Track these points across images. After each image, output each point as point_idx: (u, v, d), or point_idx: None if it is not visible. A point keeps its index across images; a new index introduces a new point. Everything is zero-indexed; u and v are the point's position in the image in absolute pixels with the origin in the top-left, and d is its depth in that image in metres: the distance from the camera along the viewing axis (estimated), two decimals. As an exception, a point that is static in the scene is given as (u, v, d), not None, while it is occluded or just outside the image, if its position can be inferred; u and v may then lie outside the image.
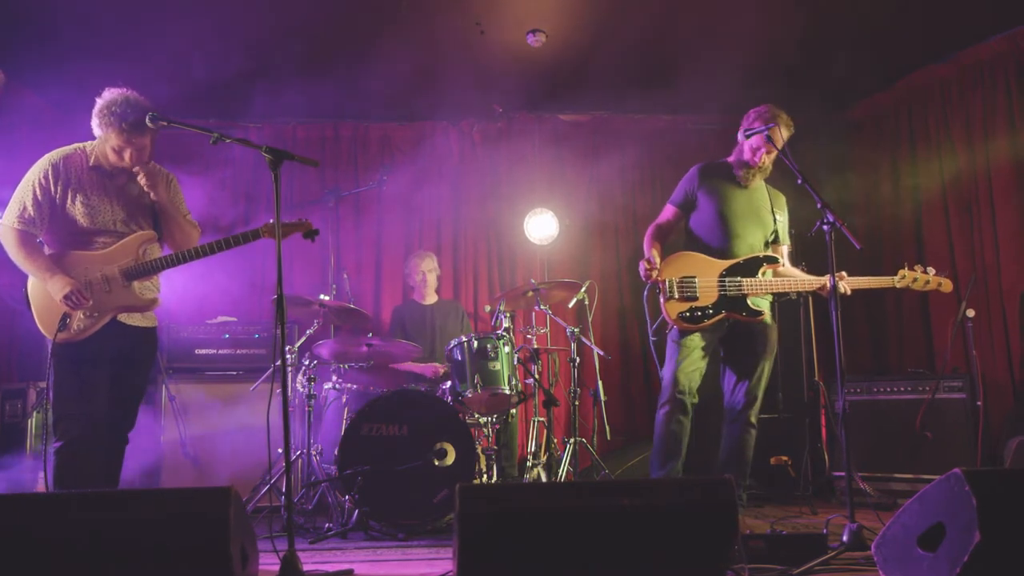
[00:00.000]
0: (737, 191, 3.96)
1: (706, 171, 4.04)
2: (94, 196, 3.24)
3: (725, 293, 3.82)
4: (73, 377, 3.13)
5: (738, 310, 3.83)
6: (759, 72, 5.39)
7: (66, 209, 3.21)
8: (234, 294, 5.58)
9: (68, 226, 3.22)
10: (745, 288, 3.80)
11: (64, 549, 2.08)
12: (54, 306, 3.14)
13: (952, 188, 5.45)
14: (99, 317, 3.21)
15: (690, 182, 4.07)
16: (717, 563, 2.24)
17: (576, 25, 5.06)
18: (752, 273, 3.84)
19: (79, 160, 3.26)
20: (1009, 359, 4.98)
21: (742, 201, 3.95)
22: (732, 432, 3.88)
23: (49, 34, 4.83)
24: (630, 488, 2.23)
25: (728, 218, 3.91)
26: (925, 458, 4.71)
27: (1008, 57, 5.12)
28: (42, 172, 3.21)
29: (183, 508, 2.15)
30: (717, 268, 3.87)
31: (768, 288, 3.83)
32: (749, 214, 3.94)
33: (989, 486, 2.26)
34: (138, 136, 3.14)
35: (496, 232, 6.39)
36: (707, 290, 3.84)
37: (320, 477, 4.43)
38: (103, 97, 3.18)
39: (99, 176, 3.27)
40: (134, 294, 3.29)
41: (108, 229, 3.26)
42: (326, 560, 3.24)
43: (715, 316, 3.82)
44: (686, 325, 3.85)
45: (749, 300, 3.82)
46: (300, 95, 5.88)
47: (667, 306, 3.87)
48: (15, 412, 4.69)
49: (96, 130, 3.21)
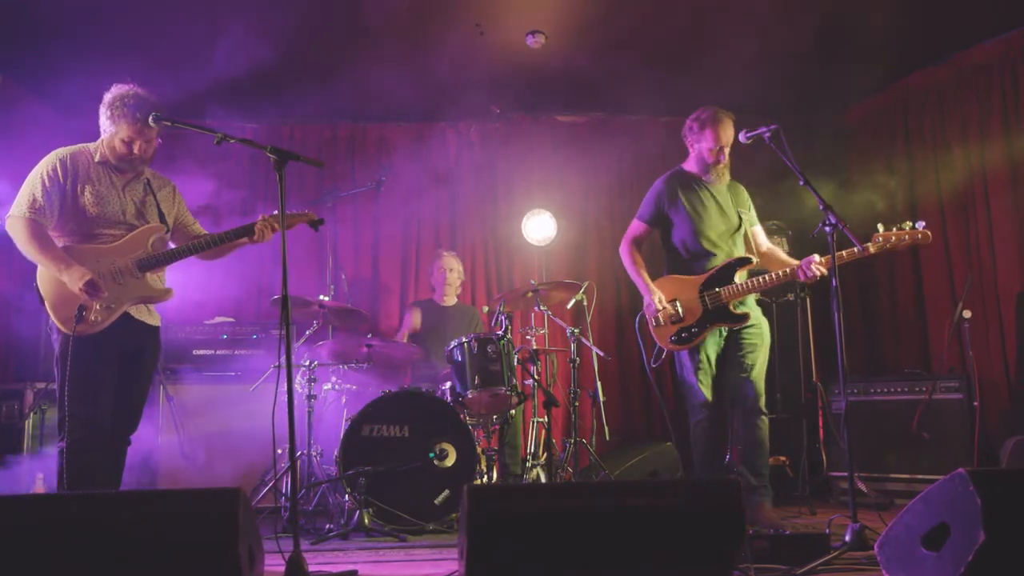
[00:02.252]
0: (707, 200, 4.03)
1: (671, 184, 4.11)
2: (103, 188, 3.25)
3: (707, 307, 3.89)
4: (85, 374, 3.10)
5: (723, 319, 3.91)
6: (755, 74, 5.42)
7: (76, 200, 3.19)
8: (231, 295, 5.56)
9: (78, 217, 3.20)
10: (724, 296, 3.88)
11: (72, 549, 2.07)
12: (70, 298, 3.11)
13: (948, 190, 5.49)
14: (115, 309, 3.20)
15: (659, 198, 4.12)
16: (725, 563, 2.25)
17: (575, 27, 5.07)
18: (729, 280, 3.91)
19: (86, 157, 3.27)
20: (1005, 360, 5.02)
21: (713, 211, 4.02)
22: (746, 424, 3.93)
23: (46, 34, 4.82)
24: (639, 489, 2.24)
25: (705, 233, 4.00)
26: (922, 458, 4.74)
27: (1004, 60, 5.16)
28: (50, 165, 3.20)
29: (192, 508, 2.14)
30: (695, 284, 3.96)
31: (744, 291, 3.89)
32: (722, 223, 4.02)
33: (994, 486, 2.28)
34: (148, 128, 3.20)
35: (494, 233, 6.40)
36: (690, 309, 3.93)
37: (320, 478, 4.43)
38: (112, 92, 3.21)
39: (106, 171, 3.29)
40: (149, 285, 3.31)
41: (118, 221, 3.27)
42: (329, 561, 3.23)
43: (702, 331, 3.91)
44: (677, 347, 3.95)
45: (731, 306, 3.89)
46: (298, 95, 5.88)
47: (656, 333, 4.01)
48: (12, 413, 4.66)
49: (106, 123, 3.22)
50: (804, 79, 5.62)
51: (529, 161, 6.43)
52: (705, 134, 4.00)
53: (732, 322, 3.90)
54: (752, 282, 3.87)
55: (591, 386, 5.20)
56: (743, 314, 3.90)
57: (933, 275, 5.60)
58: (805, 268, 3.75)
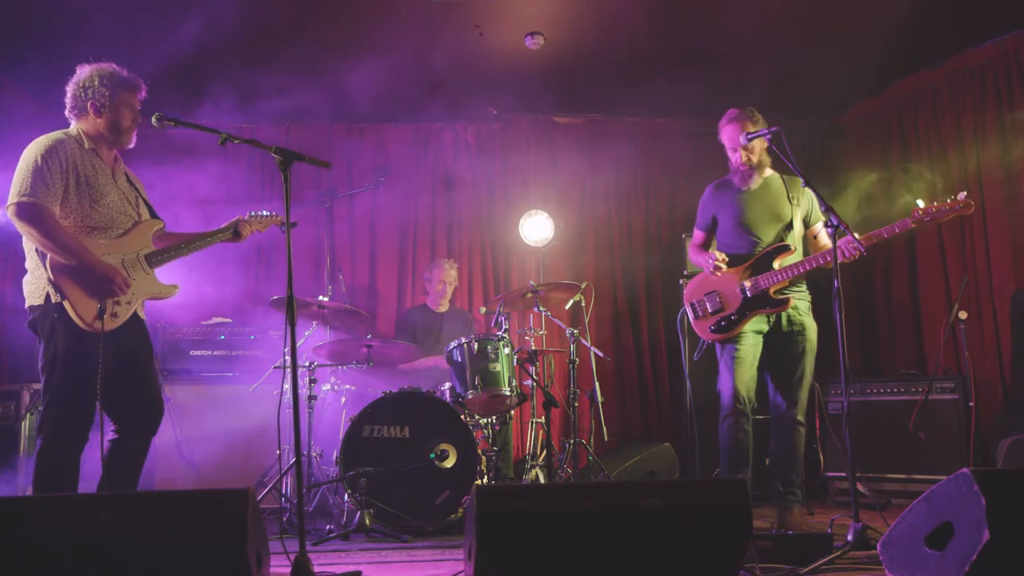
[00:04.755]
0: (746, 197, 4.01)
1: (716, 190, 4.16)
2: (101, 179, 3.17)
3: (745, 295, 3.87)
4: (91, 372, 3.00)
5: (762, 305, 3.85)
6: (751, 76, 5.45)
7: (77, 188, 3.08)
8: (228, 295, 5.55)
9: (82, 207, 3.09)
10: (762, 283, 3.84)
11: (82, 550, 2.06)
12: (93, 292, 3.02)
13: (942, 192, 5.52)
14: (132, 305, 3.17)
15: (706, 204, 4.19)
16: (733, 562, 2.26)
17: (574, 28, 5.09)
18: (768, 267, 3.87)
19: (73, 144, 3.14)
20: (1000, 360, 5.06)
21: (754, 204, 3.99)
22: (780, 433, 3.90)
23: (35, 32, 4.79)
24: (649, 489, 2.24)
25: (746, 225, 3.98)
26: (918, 458, 4.77)
27: (998, 63, 5.21)
28: (45, 150, 3.04)
29: (201, 509, 2.14)
30: (735, 274, 3.94)
31: (780, 276, 3.81)
32: (764, 214, 3.97)
33: (998, 486, 2.30)
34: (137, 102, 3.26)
35: (491, 233, 6.41)
36: (730, 298, 3.92)
37: (320, 479, 4.42)
38: (95, 69, 3.18)
39: (97, 160, 3.20)
40: (157, 281, 3.30)
41: (116, 212, 3.19)
42: (331, 562, 3.22)
43: (742, 319, 3.87)
44: (717, 336, 3.93)
45: (771, 291, 3.84)
46: (294, 95, 5.86)
47: (697, 325, 4.02)
48: (8, 414, 4.63)
49: (105, 99, 3.15)
50: (798, 82, 5.64)
51: (526, 162, 6.44)
52: (722, 139, 4.03)
53: (772, 307, 3.83)
54: (790, 268, 3.81)
55: (589, 387, 5.21)
56: (783, 299, 3.82)
57: (928, 276, 5.64)
58: (845, 247, 3.60)
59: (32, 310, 3.12)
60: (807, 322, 3.90)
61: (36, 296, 3.09)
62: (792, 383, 3.87)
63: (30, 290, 3.12)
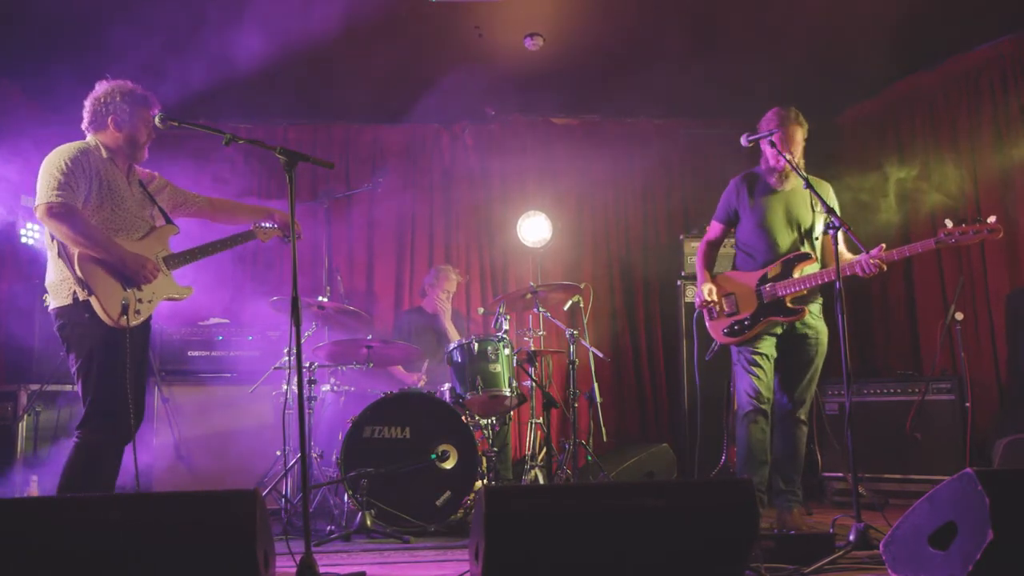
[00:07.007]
0: (773, 198, 3.95)
1: (743, 183, 4.05)
2: (120, 185, 3.25)
3: (761, 300, 3.86)
4: (116, 370, 3.06)
5: (777, 312, 3.84)
6: (748, 78, 5.47)
7: (99, 194, 3.15)
8: (226, 296, 5.53)
9: (103, 211, 3.16)
10: (779, 290, 3.83)
11: (91, 551, 2.06)
12: (117, 289, 3.10)
13: (939, 194, 5.55)
14: (152, 304, 3.25)
15: (730, 196, 4.09)
16: (739, 562, 2.27)
17: (574, 29, 5.09)
18: (788, 275, 3.85)
19: (94, 153, 3.22)
20: (995, 361, 5.09)
21: (779, 208, 3.93)
22: (783, 431, 3.91)
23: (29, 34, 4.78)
24: (655, 489, 2.25)
25: (767, 229, 3.93)
26: (914, 459, 4.80)
27: (993, 66, 5.24)
28: (69, 157, 3.10)
29: (209, 510, 2.13)
30: (754, 279, 3.93)
31: (798, 285, 3.80)
32: (786, 219, 3.93)
33: (1001, 485, 2.32)
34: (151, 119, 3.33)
35: (488, 234, 6.41)
36: (746, 302, 3.90)
37: (320, 480, 4.41)
38: (116, 86, 3.25)
39: (114, 168, 3.27)
40: (174, 283, 3.38)
41: (133, 217, 3.27)
42: (334, 563, 3.22)
43: (755, 324, 3.87)
44: (729, 340, 3.92)
45: (787, 300, 3.83)
46: (291, 96, 5.86)
47: (711, 326, 4.00)
48: (5, 415, 4.60)
49: (126, 115, 3.23)
50: (795, 83, 5.66)
51: (524, 163, 6.44)
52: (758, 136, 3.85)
53: (787, 316, 3.82)
54: (809, 278, 3.79)
55: (587, 387, 5.22)
56: (799, 308, 3.81)
57: (924, 278, 5.66)
58: (864, 263, 3.62)
59: (60, 314, 3.14)
60: (820, 326, 3.90)
61: (63, 296, 3.11)
62: (801, 385, 3.88)
63: (55, 292, 3.14)
